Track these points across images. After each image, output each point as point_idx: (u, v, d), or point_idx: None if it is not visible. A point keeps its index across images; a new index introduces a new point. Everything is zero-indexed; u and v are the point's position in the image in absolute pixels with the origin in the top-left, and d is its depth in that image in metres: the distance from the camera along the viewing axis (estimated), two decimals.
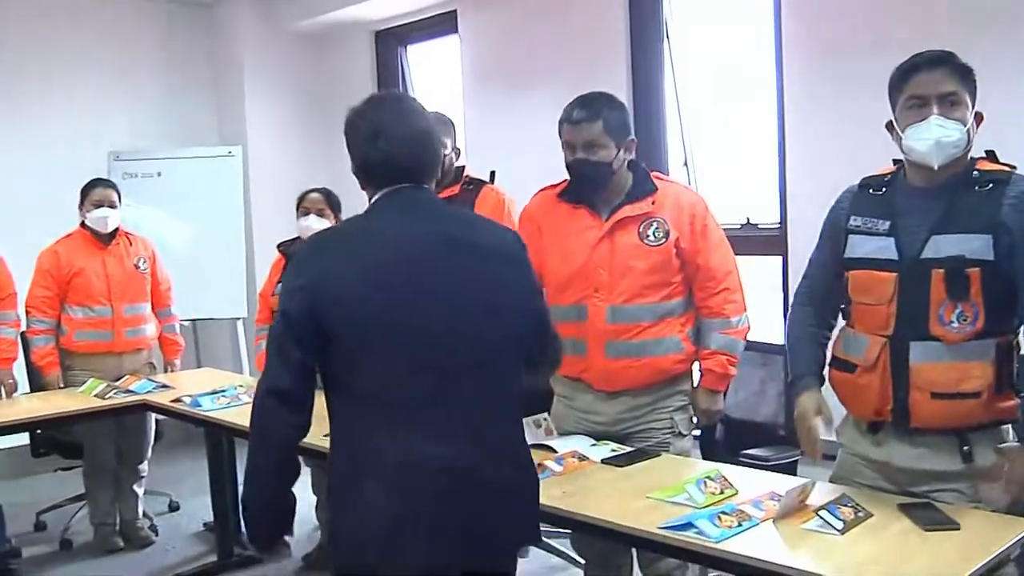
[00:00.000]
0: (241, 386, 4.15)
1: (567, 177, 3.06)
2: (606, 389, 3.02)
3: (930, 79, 2.23)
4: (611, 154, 2.92)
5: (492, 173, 3.85)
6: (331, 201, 4.30)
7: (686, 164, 4.89)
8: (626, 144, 2.96)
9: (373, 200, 2.14)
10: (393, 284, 2.01)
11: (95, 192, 4.60)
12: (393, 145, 2.08)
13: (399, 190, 2.10)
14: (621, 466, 2.74)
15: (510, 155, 4.74)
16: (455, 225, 2.16)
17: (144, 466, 4.73)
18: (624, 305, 2.94)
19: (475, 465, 2.01)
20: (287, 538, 2.38)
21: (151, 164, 6.08)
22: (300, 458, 2.14)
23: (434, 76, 6.38)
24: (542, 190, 3.19)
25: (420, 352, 2.00)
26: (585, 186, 2.99)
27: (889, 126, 2.33)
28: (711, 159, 4.93)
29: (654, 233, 2.94)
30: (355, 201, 4.32)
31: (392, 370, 1.99)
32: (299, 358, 1.99)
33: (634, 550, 3.07)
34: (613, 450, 2.88)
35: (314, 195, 4.31)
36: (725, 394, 3.15)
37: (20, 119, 5.98)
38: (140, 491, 4.75)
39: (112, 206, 4.60)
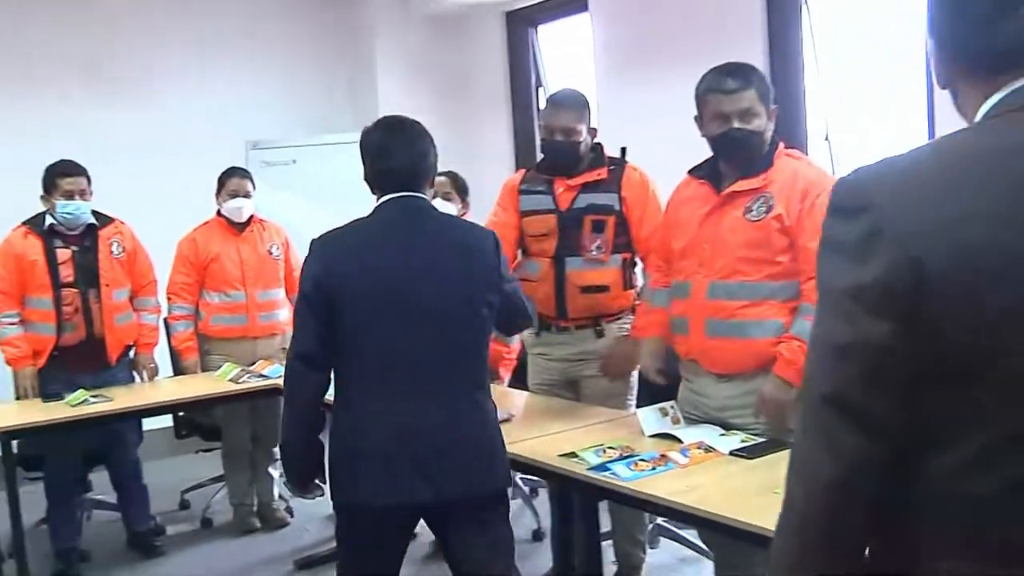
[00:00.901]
0: None
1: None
2: (715, 371, 2.91)
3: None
4: (763, 123, 2.81)
5: (623, 150, 3.75)
6: (458, 184, 4.26)
7: (827, 139, 4.66)
8: (771, 113, 2.84)
9: (379, 203, 2.64)
10: (380, 267, 2.54)
11: (231, 182, 4.72)
12: (396, 162, 2.60)
13: (400, 197, 2.61)
14: (749, 458, 2.60)
15: (643, 132, 4.60)
16: (436, 224, 2.68)
17: (278, 449, 4.81)
18: (722, 281, 2.82)
19: (432, 415, 2.50)
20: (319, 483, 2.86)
21: (286, 152, 6.18)
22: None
23: (565, 55, 6.29)
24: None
25: (402, 319, 2.51)
26: (738, 157, 2.85)
27: None
28: (853, 134, 4.68)
29: (757, 208, 2.80)
30: (486, 184, 4.35)
31: (381, 337, 2.51)
32: (316, 328, 2.51)
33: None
34: (743, 440, 2.74)
35: (441, 179, 4.27)
36: None
37: (160, 109, 6.18)
38: (275, 473, 4.83)
39: (247, 196, 4.71)
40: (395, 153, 2.62)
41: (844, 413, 1.11)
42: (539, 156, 3.78)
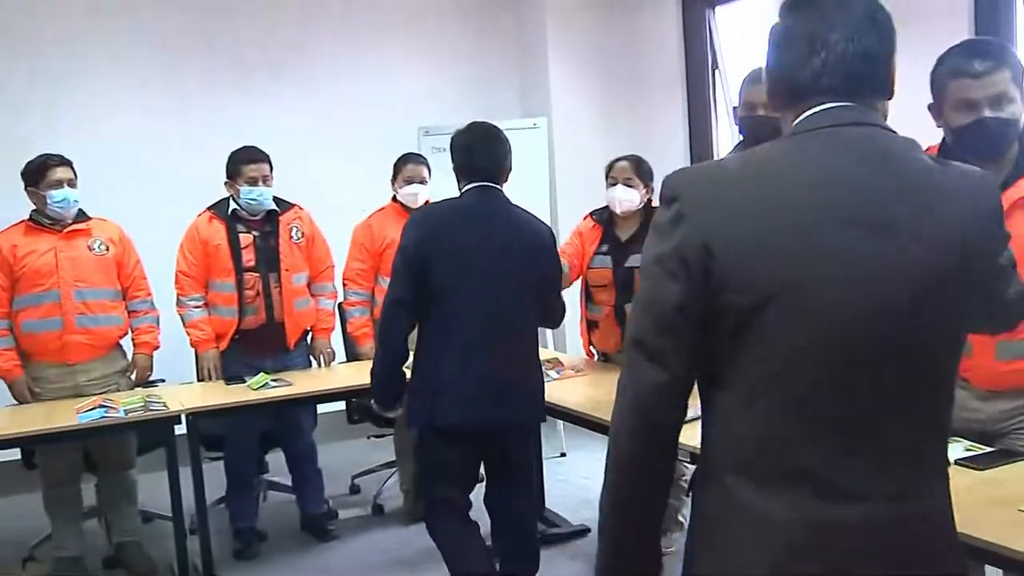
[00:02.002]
0: (548, 361, 4.08)
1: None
2: (987, 388, 2.59)
3: None
4: (1019, 110, 2.40)
5: None
6: (641, 170, 4.10)
7: None
8: None
9: (464, 190, 3.39)
10: (465, 239, 3.26)
11: (407, 168, 4.72)
12: (479, 161, 3.36)
13: (481, 186, 3.35)
14: (980, 469, 2.37)
15: None
16: (506, 209, 3.38)
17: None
18: None
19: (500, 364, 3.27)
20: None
21: None
22: None
23: (744, 38, 6.04)
24: None
25: (479, 283, 3.25)
26: (990, 152, 2.41)
27: None
28: None
29: None
30: (657, 171, 4.19)
31: (463, 296, 3.23)
32: (409, 280, 3.23)
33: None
34: (968, 448, 2.50)
35: (622, 163, 4.13)
36: None
37: (335, 97, 6.26)
38: None
39: (422, 182, 4.70)
40: (478, 153, 3.38)
41: (642, 352, 1.47)
42: (717, 140, 3.59)
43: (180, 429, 3.99)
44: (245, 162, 4.35)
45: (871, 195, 1.41)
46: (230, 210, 4.41)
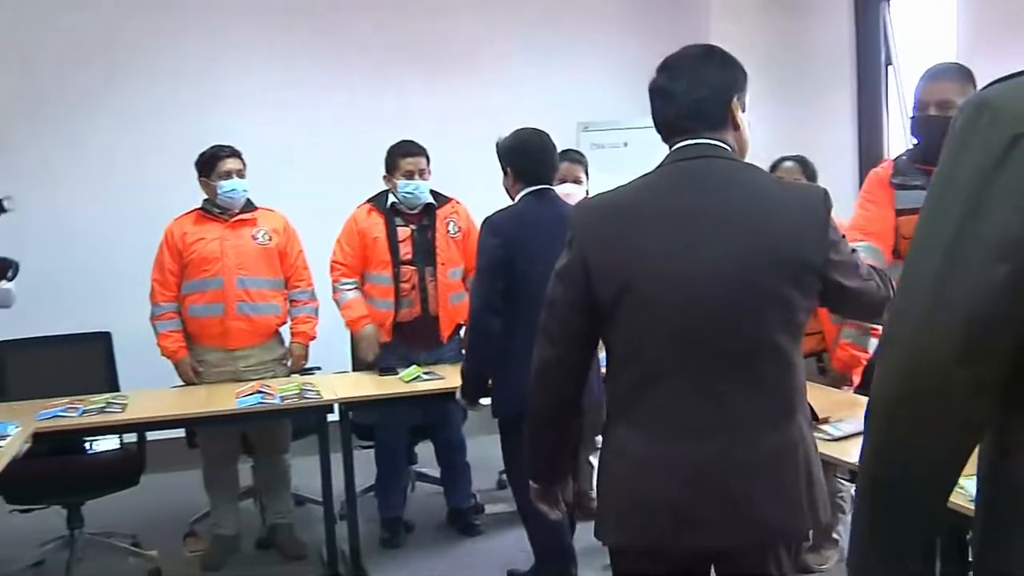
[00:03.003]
0: None
1: None
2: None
3: None
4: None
5: None
6: (807, 171, 3.95)
7: None
8: None
9: (521, 195, 3.59)
10: (534, 243, 3.36)
11: (562, 166, 4.64)
12: (535, 165, 3.60)
13: (539, 189, 3.57)
14: None
15: None
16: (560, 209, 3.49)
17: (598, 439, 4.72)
18: None
19: None
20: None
21: (618, 135, 6.07)
22: None
23: (922, 33, 5.74)
24: None
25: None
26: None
27: None
28: None
29: None
30: (824, 173, 4.02)
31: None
32: (501, 286, 3.46)
33: None
34: None
35: (788, 164, 3.99)
36: None
37: (494, 92, 6.26)
38: (595, 461, 4.73)
39: (576, 181, 4.64)
40: (536, 158, 3.61)
41: (543, 335, 2.10)
42: (888, 140, 3.42)
43: (333, 417, 4.06)
44: (402, 156, 4.40)
45: (697, 216, 1.93)
46: (389, 203, 4.46)
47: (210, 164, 4.29)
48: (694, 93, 2.00)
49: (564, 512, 2.40)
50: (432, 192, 4.49)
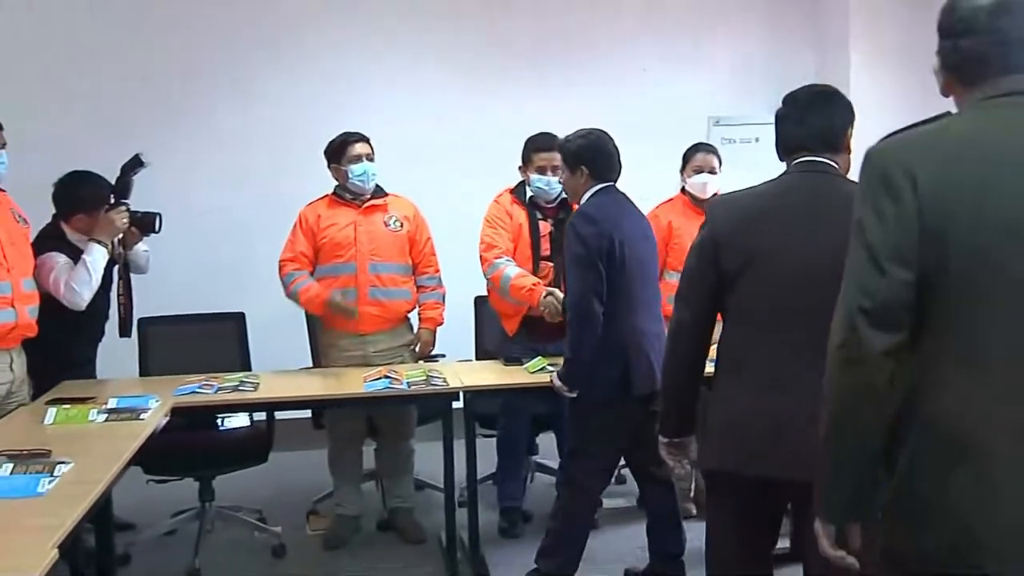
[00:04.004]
0: None
1: None
2: None
3: None
4: None
5: None
6: None
7: None
8: None
9: (593, 191, 3.71)
10: (628, 232, 3.65)
11: (696, 157, 4.65)
12: (611, 163, 3.76)
13: (608, 186, 3.73)
14: None
15: None
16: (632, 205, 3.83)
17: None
18: None
19: None
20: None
21: (749, 129, 5.96)
22: None
23: None
24: None
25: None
26: None
27: None
28: None
29: None
30: None
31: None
32: (601, 273, 3.59)
33: None
34: None
35: None
36: None
37: (625, 86, 6.23)
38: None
39: (712, 172, 4.60)
40: (613, 154, 3.76)
41: (679, 299, 2.63)
42: None
43: (456, 404, 4.08)
44: (536, 150, 4.39)
45: (805, 213, 2.46)
46: (528, 196, 4.47)
47: (340, 150, 4.35)
48: (824, 123, 2.54)
49: (688, 470, 3.00)
50: None
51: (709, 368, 2.68)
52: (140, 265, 4.37)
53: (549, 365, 4.19)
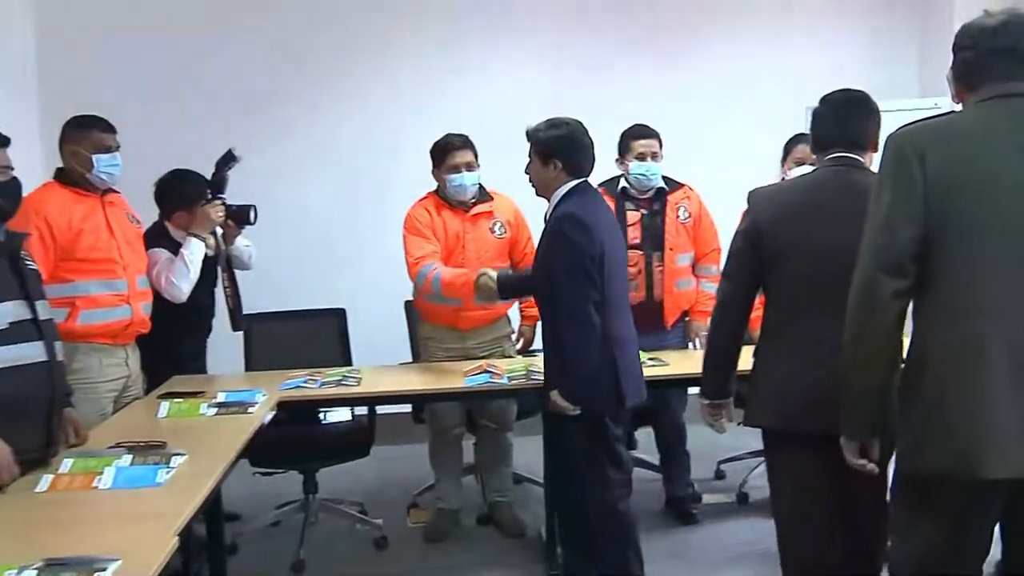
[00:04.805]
0: None
1: None
2: None
3: None
4: None
5: None
6: None
7: None
8: None
9: (568, 187, 3.47)
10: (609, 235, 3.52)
11: (797, 148, 4.56)
12: (587, 158, 3.53)
13: (582, 183, 3.50)
14: None
15: None
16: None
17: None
18: None
19: None
20: None
21: None
22: None
23: None
24: None
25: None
26: None
27: None
28: None
29: None
30: None
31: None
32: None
33: None
34: None
35: None
36: None
37: (722, 76, 6.21)
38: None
39: (814, 164, 4.49)
40: (590, 148, 3.52)
41: (726, 278, 2.99)
42: None
43: None
44: (634, 138, 4.39)
45: (837, 204, 2.69)
46: (620, 187, 4.45)
47: (441, 155, 4.29)
48: (857, 124, 2.83)
49: (725, 428, 3.16)
50: (664, 177, 4.45)
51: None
52: (243, 261, 4.46)
53: (648, 360, 4.16)
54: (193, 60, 5.84)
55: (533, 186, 3.60)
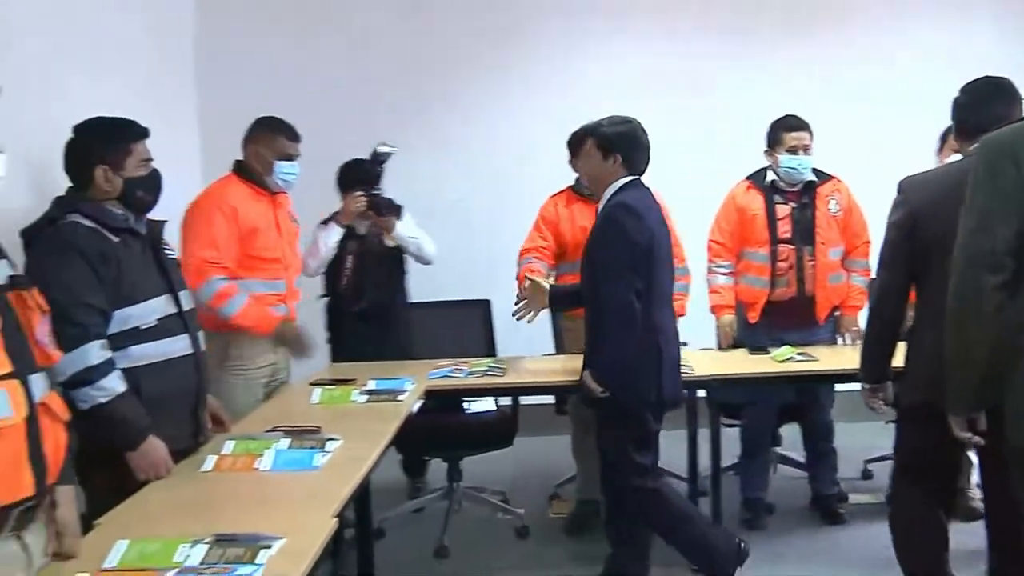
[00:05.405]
0: None
1: None
2: None
3: None
4: None
5: None
6: None
7: None
8: None
9: (623, 182, 3.55)
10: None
11: (950, 139, 4.39)
12: (646, 155, 3.62)
13: (636, 179, 3.58)
14: None
15: None
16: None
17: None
18: None
19: None
20: None
21: None
22: None
23: None
24: None
25: None
26: None
27: None
28: None
29: None
30: None
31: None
32: None
33: None
34: None
35: None
36: None
37: (873, 61, 6.03)
38: (975, 459, 4.41)
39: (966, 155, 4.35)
40: (647, 146, 3.60)
41: (883, 267, 3.13)
42: None
43: (700, 392, 4.07)
44: (786, 130, 4.31)
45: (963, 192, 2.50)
46: (768, 180, 4.38)
47: (576, 148, 4.28)
48: (1001, 111, 2.78)
49: (882, 410, 3.26)
50: (814, 170, 4.36)
51: None
52: (410, 252, 4.65)
53: (797, 355, 4.10)
54: (355, 48, 6.03)
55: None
